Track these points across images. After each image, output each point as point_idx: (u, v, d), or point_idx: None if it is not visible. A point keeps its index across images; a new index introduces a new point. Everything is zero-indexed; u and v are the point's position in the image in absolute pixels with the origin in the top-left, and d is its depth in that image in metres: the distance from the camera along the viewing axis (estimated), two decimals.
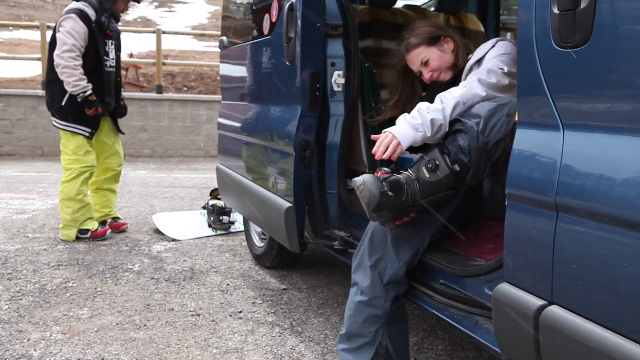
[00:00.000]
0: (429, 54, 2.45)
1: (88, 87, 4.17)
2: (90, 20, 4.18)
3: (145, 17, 23.38)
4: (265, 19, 3.09)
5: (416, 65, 2.49)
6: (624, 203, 1.26)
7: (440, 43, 2.47)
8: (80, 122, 4.25)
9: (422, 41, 2.46)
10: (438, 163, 1.99)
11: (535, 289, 1.53)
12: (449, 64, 2.46)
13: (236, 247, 4.33)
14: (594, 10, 1.32)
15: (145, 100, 9.96)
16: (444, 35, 2.48)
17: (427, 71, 2.47)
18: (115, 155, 4.60)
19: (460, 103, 2.05)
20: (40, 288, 3.35)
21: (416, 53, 2.47)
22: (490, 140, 1.94)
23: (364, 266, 2.21)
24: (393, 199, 1.99)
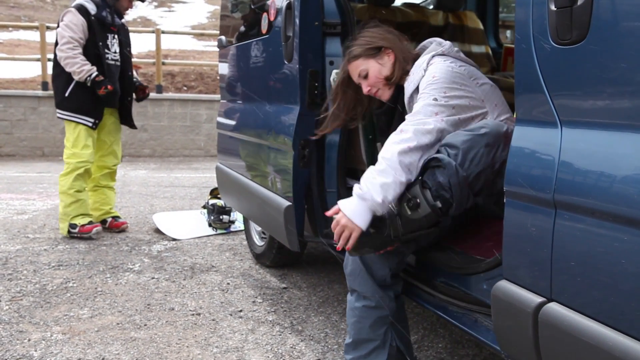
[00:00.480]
0: (367, 66, 2.28)
1: (92, 69, 4.23)
2: (89, 13, 4.26)
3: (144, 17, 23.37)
4: (263, 18, 3.09)
5: (355, 76, 2.34)
6: (622, 200, 1.26)
7: (381, 55, 2.28)
8: (82, 112, 4.33)
9: (362, 52, 2.28)
10: (419, 201, 1.91)
11: (534, 286, 1.53)
12: (387, 79, 2.28)
13: (236, 246, 4.33)
14: (591, 7, 1.32)
15: (145, 100, 9.95)
16: (385, 46, 2.29)
17: (365, 85, 2.31)
18: (112, 155, 4.63)
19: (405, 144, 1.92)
20: (40, 288, 3.36)
21: (355, 65, 2.31)
22: (471, 174, 1.89)
23: (357, 272, 2.17)
24: (374, 237, 1.97)
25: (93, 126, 4.37)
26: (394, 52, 2.29)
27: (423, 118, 1.98)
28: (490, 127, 1.92)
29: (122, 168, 8.44)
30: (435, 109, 2.01)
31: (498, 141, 1.90)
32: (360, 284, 2.17)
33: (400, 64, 2.28)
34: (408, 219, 1.94)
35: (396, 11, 3.79)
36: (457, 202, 1.91)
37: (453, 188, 1.88)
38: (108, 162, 4.63)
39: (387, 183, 1.89)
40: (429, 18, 3.88)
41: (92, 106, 4.35)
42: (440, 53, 2.21)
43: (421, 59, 2.23)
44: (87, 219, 4.44)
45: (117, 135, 4.67)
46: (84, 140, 4.34)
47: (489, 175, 1.92)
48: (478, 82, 2.16)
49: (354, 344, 2.19)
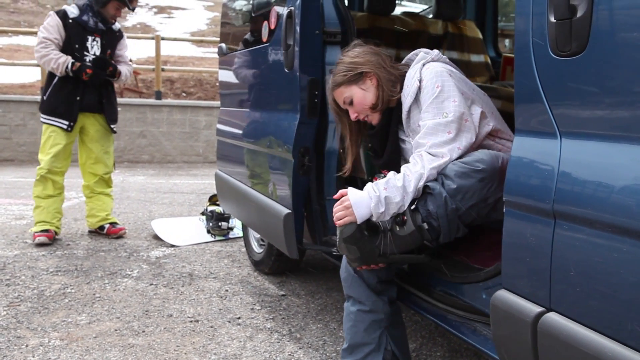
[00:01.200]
0: (350, 93, 2.23)
1: (68, 58, 4.27)
2: (67, 16, 4.35)
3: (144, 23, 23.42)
4: (264, 26, 3.10)
5: (341, 104, 2.30)
6: (621, 210, 1.27)
7: (363, 80, 2.22)
8: (56, 115, 4.35)
9: (343, 80, 2.23)
10: (406, 218, 1.97)
11: (534, 296, 1.54)
12: (373, 102, 2.23)
13: (235, 253, 4.33)
14: (590, 19, 1.33)
15: (144, 106, 9.98)
16: (367, 71, 2.22)
17: (351, 111, 2.27)
18: (101, 164, 4.60)
19: (423, 176, 1.95)
20: (38, 294, 3.35)
21: (339, 92, 2.26)
22: (462, 207, 1.90)
23: (350, 278, 2.21)
24: (366, 240, 2.00)
25: (68, 128, 4.36)
26: (376, 76, 2.22)
27: (438, 148, 1.97)
28: (486, 162, 1.91)
29: (121, 174, 8.46)
30: (448, 127, 2.00)
31: (493, 177, 1.90)
32: (354, 290, 2.20)
33: (384, 87, 2.22)
34: (396, 235, 1.99)
35: (395, 20, 3.81)
36: (445, 231, 1.95)
37: (440, 219, 1.92)
38: (98, 171, 4.60)
39: (392, 202, 1.95)
40: (428, 27, 3.90)
41: (66, 108, 4.36)
42: (430, 60, 2.20)
43: (412, 70, 2.20)
44: (45, 226, 4.42)
45: (105, 143, 4.61)
46: (49, 147, 4.36)
47: (482, 209, 1.93)
48: (473, 89, 2.19)
49: (350, 348, 2.22)
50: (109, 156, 4.65)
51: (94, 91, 4.45)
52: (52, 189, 4.43)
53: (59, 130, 4.36)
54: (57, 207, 4.49)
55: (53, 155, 4.35)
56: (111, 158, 4.68)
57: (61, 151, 4.39)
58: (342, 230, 2.01)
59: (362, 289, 2.18)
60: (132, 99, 10.70)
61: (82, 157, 4.60)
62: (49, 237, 4.38)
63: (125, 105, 9.86)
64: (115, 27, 4.60)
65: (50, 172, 4.37)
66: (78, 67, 4.27)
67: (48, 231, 4.41)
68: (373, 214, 1.97)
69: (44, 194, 4.41)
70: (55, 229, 4.48)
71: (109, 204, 4.71)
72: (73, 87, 4.38)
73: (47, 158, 4.36)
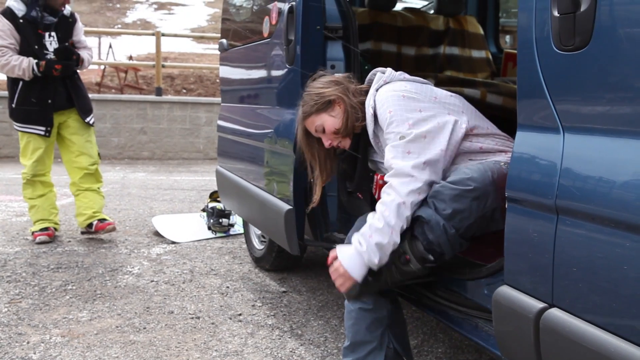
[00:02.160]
0: (321, 122, 2.23)
1: (30, 60, 4.07)
2: (15, 16, 4.09)
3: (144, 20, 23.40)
4: (265, 22, 3.09)
5: (313, 132, 2.29)
6: (624, 206, 1.27)
7: (333, 107, 2.23)
8: (31, 122, 4.21)
9: (312, 109, 2.23)
10: (409, 257, 1.96)
11: (536, 292, 1.53)
12: (343, 129, 2.22)
13: (236, 249, 4.33)
14: (594, 13, 1.32)
15: (145, 102, 9.97)
16: (333, 99, 2.22)
17: (325, 139, 2.27)
18: (85, 155, 4.39)
19: (402, 204, 1.91)
20: (39, 291, 3.35)
21: (310, 121, 2.26)
22: (461, 227, 1.89)
23: None
24: (372, 284, 2.02)
25: (46, 134, 4.22)
26: (343, 103, 2.22)
27: (402, 170, 1.94)
28: (477, 180, 1.88)
29: (121, 171, 8.46)
30: (407, 147, 1.97)
31: (486, 193, 1.87)
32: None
33: (350, 113, 2.21)
34: (401, 270, 2.00)
35: (397, 15, 3.80)
36: (449, 253, 1.94)
37: (443, 245, 1.91)
38: (82, 163, 4.38)
39: (383, 245, 1.93)
40: (429, 23, 3.90)
41: (40, 114, 4.20)
42: (383, 83, 2.18)
43: (368, 98, 2.20)
44: (43, 224, 4.38)
45: (84, 133, 4.39)
46: (30, 152, 4.26)
47: (481, 223, 1.91)
48: (435, 97, 2.12)
49: (351, 346, 2.21)
50: (91, 145, 4.43)
51: (63, 87, 4.27)
52: (41, 188, 4.37)
53: (36, 136, 4.23)
54: (51, 203, 4.44)
55: (35, 161, 4.26)
56: (94, 147, 4.46)
57: (43, 154, 4.28)
58: (348, 294, 2.04)
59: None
60: (132, 96, 10.69)
61: (64, 153, 4.44)
62: (49, 235, 4.35)
63: (126, 102, 9.86)
64: (67, 13, 4.33)
65: (35, 175, 4.31)
66: (45, 66, 4.08)
67: (47, 229, 4.37)
68: (371, 267, 1.97)
69: (35, 194, 4.36)
70: (54, 225, 4.45)
71: (96, 201, 4.47)
72: (41, 89, 4.19)
73: (30, 163, 4.26)
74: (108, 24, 22.00)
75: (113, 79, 12.12)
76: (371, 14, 3.64)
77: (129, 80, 12.10)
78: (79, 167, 4.39)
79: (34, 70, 4.08)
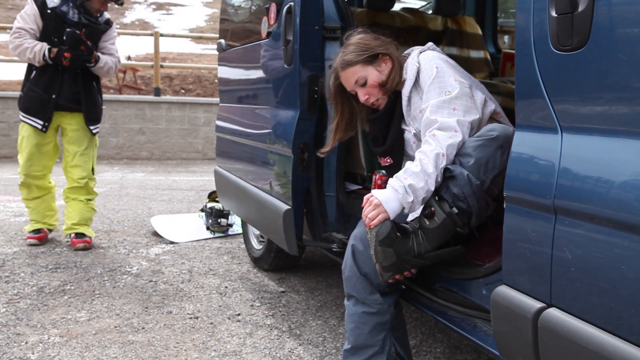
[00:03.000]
0: (365, 74, 2.21)
1: (43, 45, 3.97)
2: (45, 5, 4.02)
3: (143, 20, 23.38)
4: (263, 22, 3.09)
5: (350, 85, 2.26)
6: (622, 205, 1.27)
7: (379, 62, 2.23)
8: (30, 113, 4.09)
9: (359, 59, 2.21)
10: (433, 209, 1.95)
11: (534, 292, 1.54)
12: (385, 86, 2.23)
13: (234, 249, 4.33)
14: (592, 14, 1.32)
15: (143, 102, 9.97)
16: (383, 53, 2.23)
17: (363, 93, 2.24)
18: (78, 168, 4.21)
19: (441, 155, 1.93)
20: (38, 291, 3.35)
21: (352, 71, 2.23)
22: (486, 180, 1.89)
23: (355, 278, 2.15)
24: (400, 241, 1.97)
25: (42, 129, 4.07)
26: (391, 59, 2.24)
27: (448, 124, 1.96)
28: (499, 130, 1.92)
29: (120, 171, 8.46)
30: (452, 103, 2.00)
31: (509, 143, 1.89)
32: (358, 290, 2.16)
33: (397, 70, 2.23)
34: (428, 230, 1.96)
35: (395, 16, 3.80)
36: (476, 211, 1.92)
37: (468, 198, 1.89)
38: (74, 174, 4.22)
39: (417, 189, 1.92)
40: (427, 23, 3.90)
41: (40, 107, 4.06)
42: (426, 49, 2.24)
43: (410, 58, 2.24)
44: (37, 225, 4.31)
45: (82, 144, 4.20)
46: (24, 148, 4.13)
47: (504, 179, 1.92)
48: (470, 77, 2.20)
49: (352, 350, 2.18)
50: (87, 159, 4.23)
51: (73, 86, 4.12)
52: (36, 191, 4.26)
53: (33, 129, 4.09)
54: (47, 206, 4.32)
55: (28, 159, 4.13)
56: (90, 161, 4.25)
57: (35, 153, 4.13)
58: (378, 232, 1.95)
59: (367, 291, 2.14)
60: (130, 96, 10.69)
61: (64, 158, 4.28)
62: (39, 239, 4.26)
63: (124, 102, 9.85)
64: (102, 19, 4.25)
65: (29, 177, 4.18)
66: (56, 53, 3.94)
67: (39, 231, 4.29)
68: (404, 206, 1.94)
69: (30, 196, 4.26)
70: (48, 227, 4.36)
71: (79, 211, 4.26)
72: (49, 82, 4.06)
73: (22, 162, 4.16)
74: None
75: (111, 79, 12.11)
76: (369, 14, 3.64)
77: (127, 80, 12.09)
78: (70, 178, 4.28)
79: (44, 56, 3.96)
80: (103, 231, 4.73)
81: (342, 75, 2.26)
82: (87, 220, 4.34)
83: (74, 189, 4.26)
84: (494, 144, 1.89)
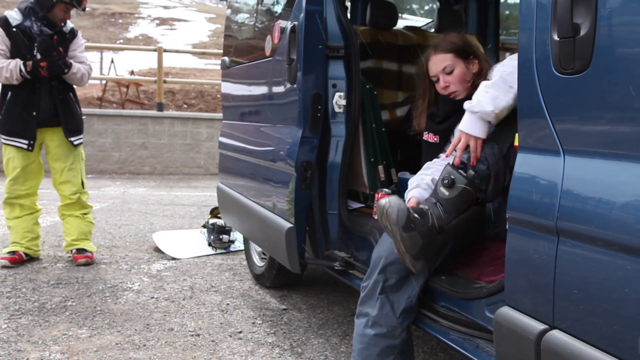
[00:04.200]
0: (454, 64, 2.37)
1: (17, 61, 3.91)
2: (9, 24, 3.97)
3: (146, 35, 23.54)
4: (267, 40, 3.11)
5: (437, 69, 2.40)
6: (624, 228, 1.27)
7: (470, 61, 2.39)
8: (14, 134, 4.01)
9: (454, 49, 2.37)
10: (453, 177, 1.99)
11: (537, 313, 1.54)
12: (467, 84, 2.36)
13: (236, 266, 4.33)
14: (594, 38, 1.34)
15: (146, 117, 10.00)
16: (475, 55, 2.40)
17: (444, 80, 2.38)
18: (68, 184, 4.19)
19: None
20: (39, 307, 3.35)
21: (443, 57, 2.38)
22: (503, 147, 1.97)
23: (375, 297, 2.14)
24: (420, 221, 1.96)
25: (29, 148, 4.01)
26: (480, 64, 2.38)
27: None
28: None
29: (122, 186, 8.47)
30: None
31: None
32: (373, 309, 2.15)
33: (483, 76, 2.32)
34: (447, 200, 1.99)
35: (397, 34, 3.82)
36: (494, 173, 1.97)
37: (489, 158, 1.97)
38: (65, 191, 4.20)
39: (496, 95, 1.98)
40: (429, 41, 3.91)
41: (23, 126, 4.00)
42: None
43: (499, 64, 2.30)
44: (14, 247, 4.15)
45: (68, 159, 4.17)
46: (10, 170, 4.07)
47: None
48: None
49: None
50: (75, 173, 4.20)
51: (50, 100, 4.06)
52: (18, 210, 4.15)
53: (18, 151, 4.02)
54: (26, 227, 4.17)
55: (12, 179, 4.07)
56: (79, 175, 4.22)
57: (20, 174, 4.07)
58: (397, 219, 1.93)
59: (384, 312, 2.13)
60: (133, 111, 10.73)
61: (52, 176, 4.24)
62: (12, 260, 4.08)
63: (127, 117, 9.89)
64: (66, 29, 4.18)
65: (12, 196, 4.11)
66: (32, 65, 3.90)
67: (14, 253, 4.12)
68: (487, 118, 1.98)
69: (12, 215, 4.15)
70: (24, 250, 4.17)
71: (77, 227, 4.25)
72: (27, 99, 4.01)
73: (7, 182, 4.08)
74: (110, 39, 22.13)
75: (114, 94, 12.17)
76: (372, 33, 3.65)
77: (130, 94, 12.15)
78: (62, 195, 4.24)
79: (21, 71, 3.91)
80: (105, 246, 4.73)
81: (433, 58, 2.40)
82: (87, 234, 4.31)
83: (67, 205, 4.23)
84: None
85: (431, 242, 1.98)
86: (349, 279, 2.68)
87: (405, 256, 1.99)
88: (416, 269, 2.03)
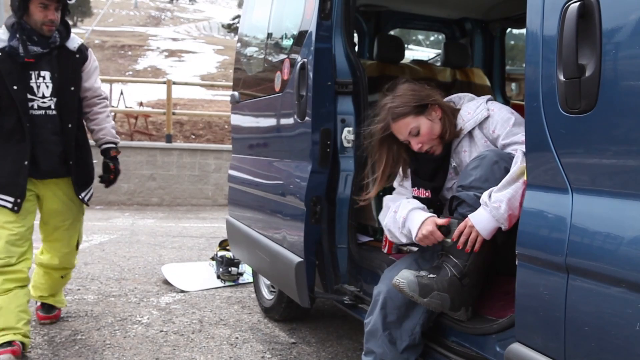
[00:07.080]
0: (418, 124, 2.24)
1: None
2: None
3: (155, 67, 23.83)
4: (277, 76, 3.16)
5: (404, 135, 2.28)
6: (633, 265, 1.29)
7: (429, 111, 2.26)
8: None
9: (410, 110, 2.24)
10: (451, 225, 2.04)
11: (548, 350, 1.54)
12: (438, 134, 2.26)
13: (245, 299, 4.32)
14: (599, 78, 1.37)
15: (155, 149, 10.08)
16: (431, 102, 2.27)
17: (416, 142, 2.26)
18: (62, 242, 3.36)
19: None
20: (49, 340, 3.35)
21: (404, 123, 2.25)
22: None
23: (378, 334, 2.17)
24: (437, 280, 2.00)
25: (14, 208, 2.96)
26: (441, 108, 2.28)
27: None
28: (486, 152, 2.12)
29: (131, 217, 8.50)
30: None
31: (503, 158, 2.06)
32: (378, 347, 2.17)
33: (448, 117, 2.27)
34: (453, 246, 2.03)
35: (405, 68, 3.87)
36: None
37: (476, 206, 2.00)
38: (57, 248, 3.39)
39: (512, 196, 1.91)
40: (437, 75, 3.97)
41: (10, 179, 2.99)
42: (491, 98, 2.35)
43: (475, 102, 2.32)
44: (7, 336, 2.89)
45: (66, 218, 3.30)
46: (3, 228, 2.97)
47: None
48: None
49: None
50: (73, 233, 3.38)
51: (54, 148, 3.13)
52: (9, 282, 2.94)
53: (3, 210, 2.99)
54: (21, 304, 2.96)
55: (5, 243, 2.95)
56: (76, 235, 3.41)
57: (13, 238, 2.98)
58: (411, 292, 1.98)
59: (388, 350, 2.16)
60: (142, 142, 10.82)
61: (41, 228, 3.36)
62: (15, 353, 2.86)
63: (136, 148, 9.97)
64: (72, 45, 3.20)
65: (6, 265, 2.94)
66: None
67: (12, 344, 2.88)
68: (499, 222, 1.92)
69: (2, 288, 2.92)
70: (21, 339, 2.93)
71: (51, 285, 3.52)
72: (18, 144, 3.01)
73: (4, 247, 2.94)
74: (120, 71, 22.42)
75: (123, 125, 12.29)
76: (380, 67, 3.71)
77: (138, 125, 12.26)
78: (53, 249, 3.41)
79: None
80: (114, 279, 4.74)
81: (394, 127, 2.28)
82: (59, 289, 3.63)
83: (49, 264, 3.43)
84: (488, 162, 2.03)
85: (459, 290, 2.01)
86: (359, 313, 2.68)
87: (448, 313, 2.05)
88: (464, 319, 2.07)
